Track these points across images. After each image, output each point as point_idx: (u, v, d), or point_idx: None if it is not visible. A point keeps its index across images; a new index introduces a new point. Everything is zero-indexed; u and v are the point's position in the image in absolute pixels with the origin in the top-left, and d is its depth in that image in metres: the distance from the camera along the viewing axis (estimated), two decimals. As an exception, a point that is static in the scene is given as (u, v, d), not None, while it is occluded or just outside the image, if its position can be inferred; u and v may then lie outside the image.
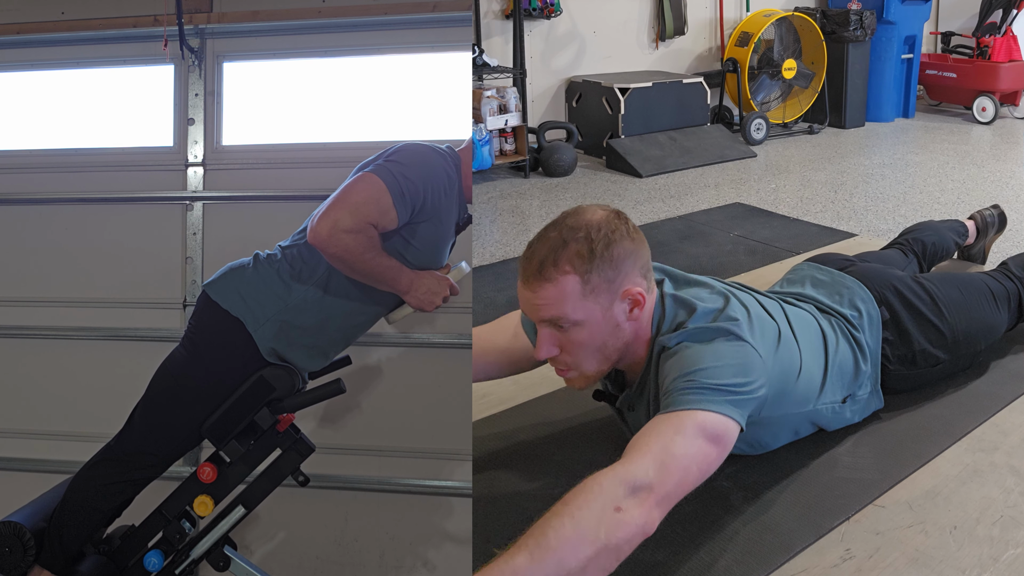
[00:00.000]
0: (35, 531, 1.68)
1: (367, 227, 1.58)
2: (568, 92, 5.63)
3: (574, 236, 1.42)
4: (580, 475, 1.73)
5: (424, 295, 1.69)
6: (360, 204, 1.58)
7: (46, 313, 2.71)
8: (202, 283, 2.63)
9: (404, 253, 1.68)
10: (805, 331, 1.68)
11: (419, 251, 1.69)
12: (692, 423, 1.31)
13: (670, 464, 1.26)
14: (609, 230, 1.43)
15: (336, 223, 1.56)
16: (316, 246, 1.59)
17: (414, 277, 1.68)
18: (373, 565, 2.51)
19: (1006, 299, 2.06)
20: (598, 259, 1.41)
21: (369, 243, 1.59)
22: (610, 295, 1.44)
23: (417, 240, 1.68)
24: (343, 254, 1.58)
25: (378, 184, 1.60)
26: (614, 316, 1.45)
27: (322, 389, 1.71)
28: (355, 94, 2.70)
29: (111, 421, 1.78)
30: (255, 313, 1.65)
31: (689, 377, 1.36)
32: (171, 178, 2.71)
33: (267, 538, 2.56)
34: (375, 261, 1.61)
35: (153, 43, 2.66)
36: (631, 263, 1.45)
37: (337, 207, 1.58)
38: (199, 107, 2.71)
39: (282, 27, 2.66)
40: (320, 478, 2.00)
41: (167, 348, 1.76)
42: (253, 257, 1.73)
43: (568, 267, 1.41)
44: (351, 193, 1.61)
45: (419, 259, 1.70)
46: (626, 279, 1.45)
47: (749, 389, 1.39)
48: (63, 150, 2.79)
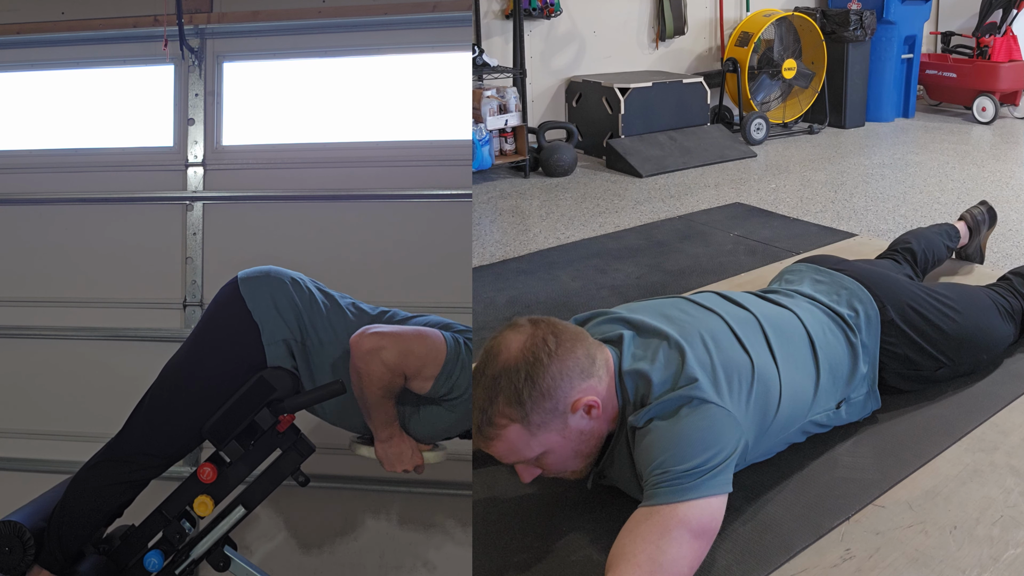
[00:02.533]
0: (35, 531, 1.68)
1: (400, 373, 1.58)
2: (568, 92, 5.63)
3: (497, 387, 1.40)
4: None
5: (393, 455, 1.69)
6: (411, 352, 1.58)
7: (46, 313, 2.71)
8: (202, 282, 2.65)
9: (406, 415, 1.68)
10: (788, 345, 1.65)
11: (418, 423, 1.69)
12: (676, 522, 1.30)
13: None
14: (528, 365, 1.40)
15: (380, 348, 1.55)
16: (351, 351, 1.59)
17: (396, 435, 1.68)
18: (373, 565, 2.51)
19: (1011, 316, 2.07)
20: (528, 400, 1.39)
21: (390, 385, 1.58)
22: (559, 419, 1.42)
23: (424, 413, 1.68)
24: (364, 374, 1.57)
25: (440, 351, 1.59)
26: (574, 429, 1.44)
27: (322, 389, 1.71)
28: (355, 94, 2.70)
29: (111, 421, 1.78)
30: (274, 328, 1.66)
31: (662, 468, 1.35)
32: (171, 178, 2.71)
33: (267, 538, 2.56)
34: (381, 401, 1.61)
35: (153, 43, 2.66)
36: (567, 380, 1.42)
37: (393, 337, 1.58)
38: (199, 107, 2.71)
39: (282, 27, 2.66)
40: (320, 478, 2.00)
41: (167, 348, 1.76)
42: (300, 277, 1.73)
43: (504, 420, 1.40)
44: (412, 338, 1.60)
45: (412, 428, 1.70)
46: (569, 394, 1.42)
47: (724, 455, 1.37)
48: (63, 150, 2.79)
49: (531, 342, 1.42)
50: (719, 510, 1.35)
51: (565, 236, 3.80)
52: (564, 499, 1.68)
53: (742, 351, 1.55)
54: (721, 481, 1.36)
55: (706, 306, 1.68)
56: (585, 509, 1.64)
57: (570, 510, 1.64)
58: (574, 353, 1.44)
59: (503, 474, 1.77)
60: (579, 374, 1.44)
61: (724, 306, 1.70)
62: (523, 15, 5.04)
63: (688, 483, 1.32)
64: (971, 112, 6.39)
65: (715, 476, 1.35)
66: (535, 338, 1.43)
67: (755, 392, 1.50)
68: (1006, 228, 3.67)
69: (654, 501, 1.33)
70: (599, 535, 1.54)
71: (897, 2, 6.17)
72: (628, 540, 1.30)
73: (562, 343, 1.44)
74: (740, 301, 1.75)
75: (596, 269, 3.18)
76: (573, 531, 1.58)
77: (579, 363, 1.44)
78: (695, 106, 5.56)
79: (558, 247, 3.57)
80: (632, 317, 1.62)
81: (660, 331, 1.55)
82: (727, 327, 1.60)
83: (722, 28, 6.23)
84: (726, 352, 1.52)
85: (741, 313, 1.68)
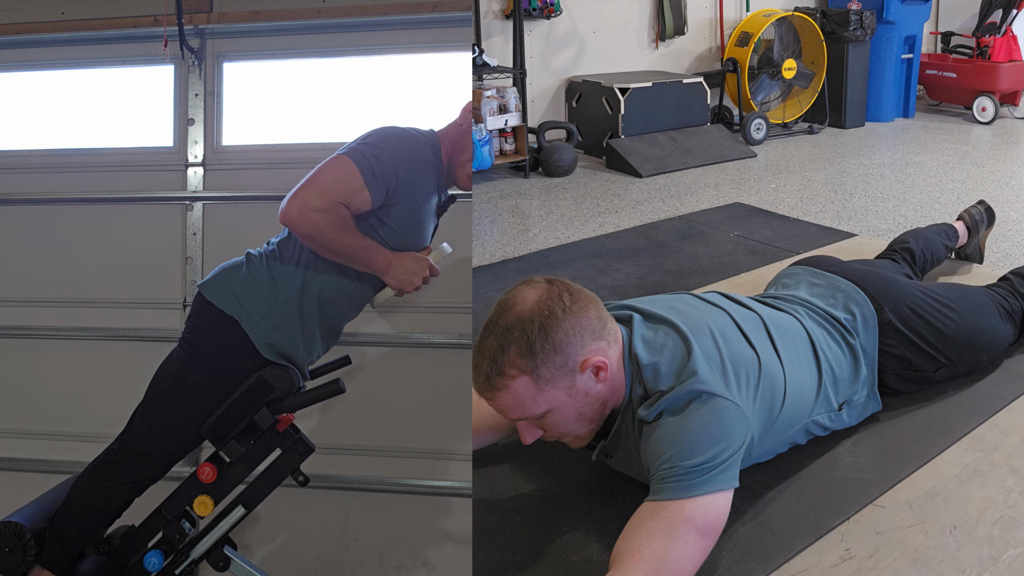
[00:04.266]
0: (35, 531, 1.68)
1: (337, 206, 1.59)
2: (568, 92, 5.63)
3: (510, 337, 1.40)
4: (579, 474, 1.74)
5: (403, 275, 1.69)
6: (330, 184, 1.60)
7: (46, 313, 2.71)
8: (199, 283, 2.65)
9: (381, 234, 1.68)
10: (791, 343, 1.66)
11: (396, 232, 1.69)
12: (682, 519, 1.30)
13: (665, 573, 1.26)
14: (543, 318, 1.40)
15: (305, 202, 1.58)
16: (287, 225, 1.61)
17: (392, 257, 1.68)
18: (373, 565, 2.51)
19: (1010, 316, 2.07)
20: (540, 353, 1.39)
21: (339, 222, 1.60)
22: (568, 376, 1.42)
23: (392, 221, 1.68)
24: (313, 233, 1.59)
25: (349, 165, 1.61)
26: (580, 389, 1.44)
27: (322, 389, 1.71)
28: (355, 94, 2.70)
29: (111, 421, 1.78)
30: (249, 311, 1.66)
31: (671, 463, 1.35)
32: (171, 178, 2.71)
33: (267, 538, 2.56)
34: (347, 240, 1.62)
35: (153, 43, 2.66)
36: (578, 338, 1.43)
37: (307, 187, 1.60)
38: (199, 107, 2.71)
39: (282, 27, 2.66)
40: (320, 478, 2.00)
41: (167, 348, 1.75)
42: (245, 256, 1.74)
43: (514, 371, 1.40)
44: (321, 174, 1.62)
45: (397, 241, 1.70)
46: (579, 354, 1.42)
47: (732, 451, 1.38)
48: (63, 150, 2.79)
49: (547, 297, 1.43)
50: (725, 506, 1.36)
51: (565, 236, 3.80)
52: (564, 499, 1.68)
53: (749, 347, 1.55)
54: (728, 476, 1.37)
55: (712, 302, 1.69)
56: (585, 509, 1.64)
57: (570, 510, 1.64)
58: (587, 313, 1.45)
59: (503, 474, 1.78)
60: (591, 334, 1.44)
61: (729, 304, 1.71)
62: (523, 15, 5.04)
63: (696, 479, 1.33)
64: (971, 112, 6.39)
65: (723, 472, 1.35)
66: (551, 293, 1.44)
67: (762, 387, 1.51)
68: (1006, 228, 3.67)
69: (661, 496, 1.33)
70: (599, 535, 1.54)
71: (897, 2, 6.18)
72: (634, 536, 1.30)
73: (576, 301, 1.45)
74: (743, 301, 1.76)
75: (596, 269, 3.18)
76: (573, 531, 1.58)
77: (591, 324, 1.45)
78: (695, 106, 5.56)
79: (558, 247, 3.57)
80: (640, 306, 1.63)
81: (668, 320, 1.56)
82: (733, 323, 1.60)
83: (722, 28, 6.23)
84: (734, 347, 1.53)
85: (746, 311, 1.69)
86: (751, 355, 1.54)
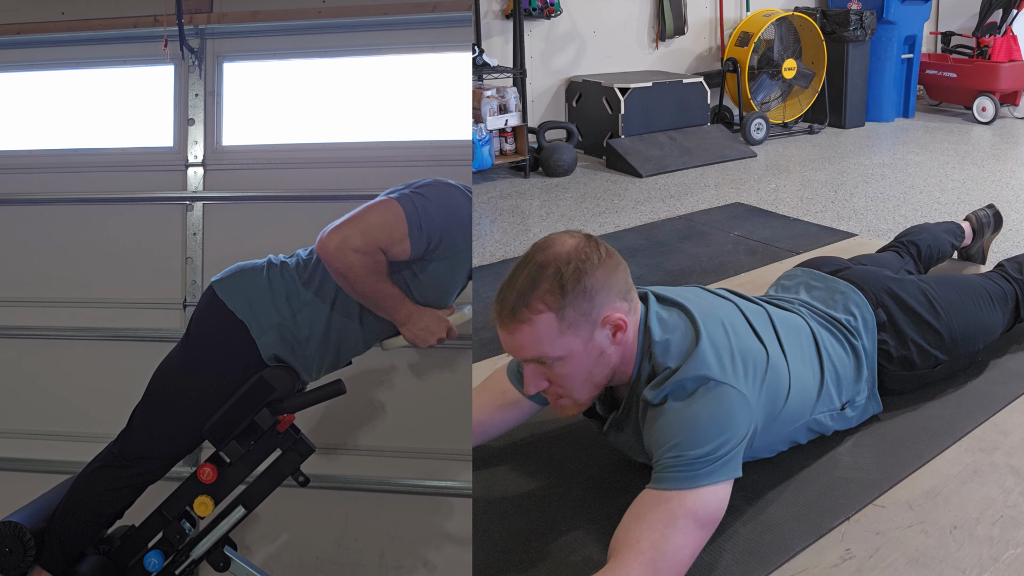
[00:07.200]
0: (35, 531, 1.68)
1: (375, 251, 1.56)
2: (568, 92, 5.63)
3: (543, 274, 1.39)
4: (579, 474, 1.74)
5: (420, 331, 1.68)
6: (374, 227, 1.57)
7: (46, 313, 2.71)
8: (202, 283, 2.65)
9: (411, 286, 1.67)
10: (795, 340, 1.66)
11: (426, 288, 1.68)
12: (683, 510, 1.31)
13: (663, 566, 1.27)
14: (579, 261, 1.40)
15: (345, 239, 1.55)
16: (322, 258, 1.58)
17: (414, 311, 1.67)
18: (373, 565, 2.51)
19: (1003, 300, 2.06)
20: (570, 294, 1.39)
21: (374, 266, 1.57)
22: (589, 326, 1.42)
23: (425, 276, 1.67)
24: (346, 271, 1.56)
25: (397, 212, 1.58)
26: (597, 345, 1.44)
27: (322, 390, 1.71)
28: (355, 94, 2.70)
29: (111, 421, 1.78)
30: (260, 319, 1.65)
31: (675, 452, 1.35)
32: (171, 178, 2.71)
33: (267, 538, 2.56)
34: (377, 286, 1.60)
35: (153, 43, 2.66)
36: (606, 291, 1.43)
37: (350, 224, 1.57)
38: (199, 107, 2.71)
39: (282, 27, 2.66)
40: (320, 478, 2.00)
41: (167, 348, 1.75)
42: (267, 262, 1.72)
43: (541, 306, 1.39)
44: (368, 214, 1.59)
45: (424, 296, 1.68)
46: (604, 307, 1.43)
47: (736, 441, 1.38)
48: (63, 150, 2.79)
49: (584, 245, 1.44)
50: (725, 497, 1.37)
51: (565, 236, 3.79)
52: (564, 499, 1.68)
53: (757, 340, 1.56)
54: (731, 467, 1.37)
55: (721, 295, 1.70)
56: (585, 509, 1.64)
57: (570, 510, 1.64)
58: (618, 273, 1.46)
59: (503, 474, 1.78)
60: (617, 293, 1.45)
61: (737, 298, 1.72)
62: (523, 15, 5.04)
63: (700, 470, 1.34)
64: (971, 112, 6.39)
65: (727, 463, 1.36)
66: (589, 244, 1.44)
67: (768, 380, 1.51)
68: (1006, 228, 3.66)
69: (663, 486, 1.34)
70: (599, 535, 1.54)
71: (897, 2, 6.17)
72: (633, 525, 1.31)
73: (611, 257, 1.46)
74: (750, 297, 1.77)
75: (596, 269, 3.17)
76: (573, 531, 1.58)
77: (619, 284, 1.46)
78: (695, 106, 5.56)
79: (558, 247, 3.56)
80: (655, 289, 1.63)
81: (681, 304, 1.56)
82: (742, 316, 1.61)
83: (722, 28, 6.23)
84: (743, 338, 1.53)
85: (754, 306, 1.70)
86: (759, 348, 1.54)
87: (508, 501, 1.69)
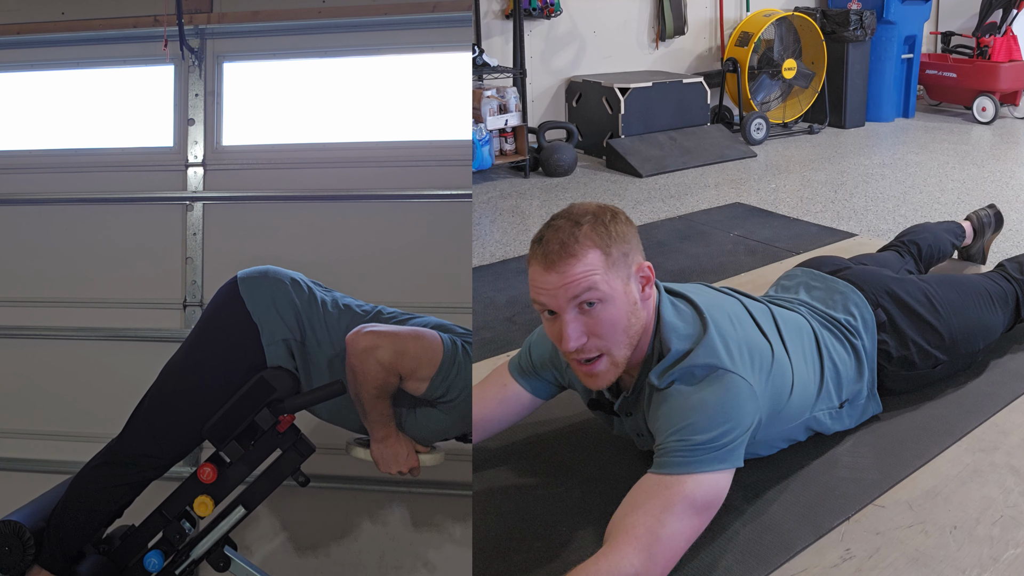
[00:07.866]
0: (35, 531, 1.68)
1: (395, 373, 1.57)
2: (568, 92, 5.63)
3: (584, 219, 1.44)
4: (579, 474, 1.74)
5: (388, 456, 1.68)
6: (407, 353, 1.57)
7: (46, 313, 2.70)
8: (202, 283, 2.65)
9: (404, 418, 1.68)
10: (797, 337, 1.67)
11: (416, 426, 1.68)
12: (681, 496, 1.32)
13: (657, 550, 1.28)
14: (611, 211, 1.47)
15: (376, 348, 1.55)
16: (347, 348, 1.58)
17: (392, 435, 1.66)
18: (373, 565, 2.51)
19: (1004, 300, 2.06)
20: (612, 234, 1.43)
21: (385, 384, 1.57)
22: (626, 269, 1.45)
23: (422, 418, 1.67)
24: (360, 373, 1.57)
25: (436, 352, 1.58)
26: (632, 293, 1.46)
27: (323, 389, 1.71)
28: (355, 94, 2.70)
29: (111, 421, 1.78)
30: (274, 329, 1.66)
31: (679, 436, 1.36)
32: (171, 178, 2.70)
33: (267, 538, 2.56)
34: (376, 400, 1.60)
35: (153, 43, 2.66)
36: (635, 241, 1.48)
37: (389, 337, 1.57)
38: (199, 107, 2.71)
39: (282, 27, 2.66)
40: (320, 478, 2.00)
41: (167, 348, 1.76)
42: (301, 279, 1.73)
43: (589, 242, 1.42)
44: (409, 339, 1.59)
45: (410, 430, 1.69)
46: (635, 255, 1.47)
47: (741, 430, 1.39)
48: (63, 150, 2.78)
49: (608, 206, 1.49)
50: (725, 486, 1.37)
51: (565, 236, 3.79)
52: (564, 499, 1.68)
53: (761, 336, 1.57)
54: (734, 456, 1.38)
55: (726, 292, 1.71)
56: (585, 509, 1.64)
57: (570, 510, 1.64)
58: (636, 234, 1.51)
59: (503, 474, 1.78)
60: (639, 251, 1.49)
61: (741, 296, 1.73)
62: (523, 15, 5.04)
63: (702, 456, 1.34)
64: (971, 112, 6.39)
65: (730, 451, 1.37)
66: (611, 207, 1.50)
67: (772, 375, 1.52)
68: (1007, 228, 3.66)
69: (664, 470, 1.35)
70: (599, 535, 1.54)
71: (897, 2, 6.17)
72: (631, 510, 1.32)
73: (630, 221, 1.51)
74: (752, 295, 1.78)
75: (596, 269, 3.17)
76: (573, 531, 1.58)
77: (640, 243, 1.51)
78: (695, 106, 5.56)
79: (558, 247, 3.56)
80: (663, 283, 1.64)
81: (688, 297, 1.58)
82: (747, 312, 1.62)
83: (722, 28, 6.23)
84: (748, 333, 1.55)
85: (757, 303, 1.71)
86: (764, 343, 1.55)
87: (508, 501, 1.69)
